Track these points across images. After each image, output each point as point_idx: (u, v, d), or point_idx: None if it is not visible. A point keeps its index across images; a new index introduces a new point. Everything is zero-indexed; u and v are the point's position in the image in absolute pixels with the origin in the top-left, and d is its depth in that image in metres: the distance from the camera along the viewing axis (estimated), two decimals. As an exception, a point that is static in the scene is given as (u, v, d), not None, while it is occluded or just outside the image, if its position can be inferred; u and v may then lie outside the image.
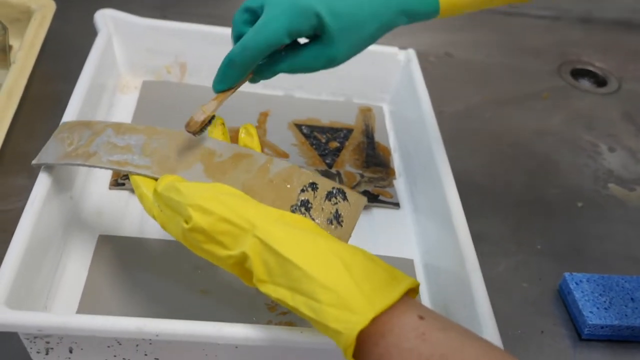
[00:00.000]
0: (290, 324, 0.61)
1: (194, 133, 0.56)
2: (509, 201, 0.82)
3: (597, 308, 0.67)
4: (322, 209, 0.53)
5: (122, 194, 0.72)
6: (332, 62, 0.57)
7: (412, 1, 0.56)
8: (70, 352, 0.54)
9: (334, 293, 0.43)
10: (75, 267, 0.64)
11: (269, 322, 0.61)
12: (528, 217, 0.80)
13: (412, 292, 0.46)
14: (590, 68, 1.08)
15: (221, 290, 0.63)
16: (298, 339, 0.52)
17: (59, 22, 0.91)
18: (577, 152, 0.91)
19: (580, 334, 0.67)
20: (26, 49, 0.82)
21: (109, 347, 0.54)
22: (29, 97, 0.81)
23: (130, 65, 0.87)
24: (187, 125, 0.56)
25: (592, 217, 0.81)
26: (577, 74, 1.07)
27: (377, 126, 0.87)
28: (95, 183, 0.73)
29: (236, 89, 0.59)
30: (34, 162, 0.61)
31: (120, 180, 0.73)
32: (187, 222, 0.49)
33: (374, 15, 0.55)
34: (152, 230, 0.68)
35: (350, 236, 0.54)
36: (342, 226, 0.53)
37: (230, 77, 0.57)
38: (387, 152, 0.83)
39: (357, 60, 0.63)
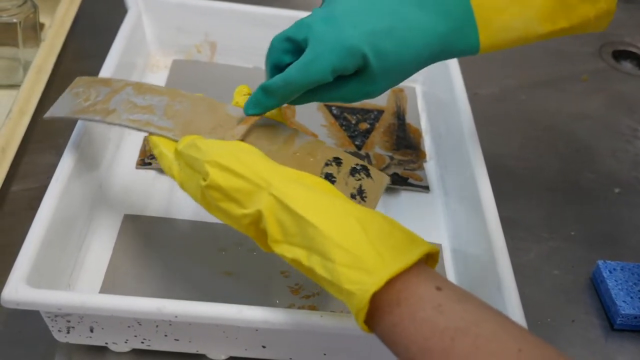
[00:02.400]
0: (313, 307, 0.60)
1: None
2: (542, 186, 0.80)
3: (631, 297, 0.65)
4: (346, 183, 0.52)
5: (148, 174, 0.72)
6: (368, 96, 0.57)
7: (453, 42, 0.56)
8: (91, 331, 0.54)
9: (349, 253, 0.43)
10: (100, 246, 0.64)
11: (291, 306, 0.60)
12: (562, 203, 0.78)
13: (432, 261, 0.45)
14: (633, 50, 1.04)
15: (245, 272, 0.63)
16: (318, 322, 0.51)
17: (90, 0, 0.91)
18: (616, 137, 0.88)
19: (613, 324, 0.65)
20: (56, 27, 0.83)
21: (129, 327, 0.54)
22: (58, 75, 0.81)
23: (160, 43, 0.87)
24: None
25: (629, 203, 0.79)
26: (619, 55, 1.04)
27: (408, 107, 0.85)
28: (122, 162, 0.73)
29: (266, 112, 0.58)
30: (46, 115, 0.60)
31: (147, 160, 0.72)
32: (204, 180, 0.49)
33: (416, 55, 0.55)
34: (178, 210, 0.68)
35: None
36: (365, 202, 0.52)
37: (264, 105, 0.56)
38: (418, 134, 0.82)
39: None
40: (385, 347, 0.55)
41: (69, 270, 0.60)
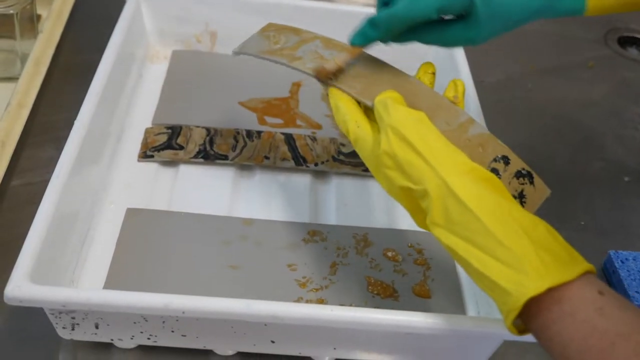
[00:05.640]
0: (321, 301, 0.59)
1: (322, 81, 0.56)
2: (551, 175, 0.77)
3: (644, 288, 0.64)
4: (509, 183, 0.51)
5: (151, 166, 0.71)
6: (470, 42, 0.57)
7: None
8: (97, 327, 0.53)
9: (512, 253, 0.42)
10: (103, 241, 0.63)
11: (299, 299, 0.59)
12: (571, 192, 0.77)
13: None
14: (639, 36, 1.03)
15: (250, 265, 0.61)
16: (329, 317, 0.50)
17: (88, -10, 0.89)
18: (624, 124, 0.87)
19: (626, 315, 0.64)
20: (54, 18, 0.81)
21: (135, 323, 0.52)
22: (57, 67, 0.80)
23: (159, 34, 0.85)
24: (317, 72, 0.56)
25: (639, 192, 0.78)
26: (625, 42, 1.02)
27: (413, 97, 0.84)
28: (123, 155, 0.71)
29: (369, 46, 0.58)
30: (234, 50, 0.61)
31: (149, 152, 0.71)
32: (382, 142, 0.49)
33: (522, 5, 0.55)
34: (182, 203, 0.67)
35: None
36: (523, 207, 0.51)
37: (369, 36, 0.56)
38: (424, 123, 0.80)
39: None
40: (398, 342, 0.55)
41: (72, 265, 0.59)
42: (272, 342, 0.54)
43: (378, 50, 0.63)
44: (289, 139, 0.74)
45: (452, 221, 0.46)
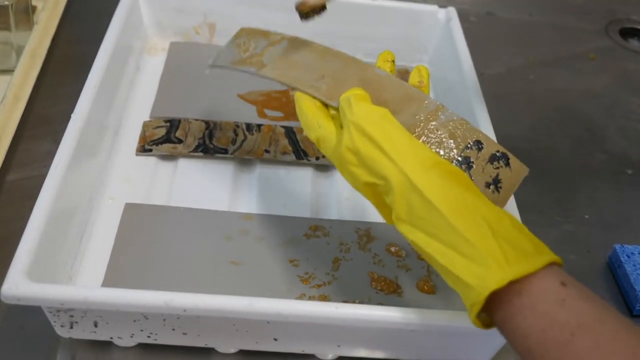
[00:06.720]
0: (324, 297, 0.58)
1: (302, 15, 0.55)
2: (554, 168, 0.78)
3: (650, 282, 0.64)
4: (483, 170, 0.50)
5: (149, 160, 0.70)
6: None
7: None
8: (95, 326, 0.52)
9: (474, 247, 0.42)
10: (101, 237, 0.62)
11: (302, 296, 0.58)
12: (574, 185, 0.76)
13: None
14: (640, 27, 1.02)
15: (252, 261, 0.60)
16: (334, 314, 0.50)
17: (84, -19, 0.88)
18: (626, 116, 0.86)
19: (632, 310, 0.64)
20: (50, 10, 0.80)
21: (135, 321, 0.52)
22: (53, 59, 0.79)
23: (157, 25, 0.84)
24: (299, 4, 0.55)
25: (643, 185, 0.77)
26: (626, 33, 1.01)
27: (414, 89, 0.83)
28: (121, 149, 0.70)
29: None
30: (209, 63, 0.61)
31: (147, 146, 0.70)
32: (345, 139, 0.49)
33: None
34: (181, 197, 0.66)
35: (505, 204, 0.51)
36: (499, 192, 0.50)
37: None
38: (426, 116, 0.79)
39: (394, 19, 0.60)
40: (403, 339, 0.54)
41: (70, 262, 0.58)
42: (275, 339, 0.54)
43: (375, 39, 0.62)
44: (290, 132, 0.73)
45: (416, 216, 0.45)
